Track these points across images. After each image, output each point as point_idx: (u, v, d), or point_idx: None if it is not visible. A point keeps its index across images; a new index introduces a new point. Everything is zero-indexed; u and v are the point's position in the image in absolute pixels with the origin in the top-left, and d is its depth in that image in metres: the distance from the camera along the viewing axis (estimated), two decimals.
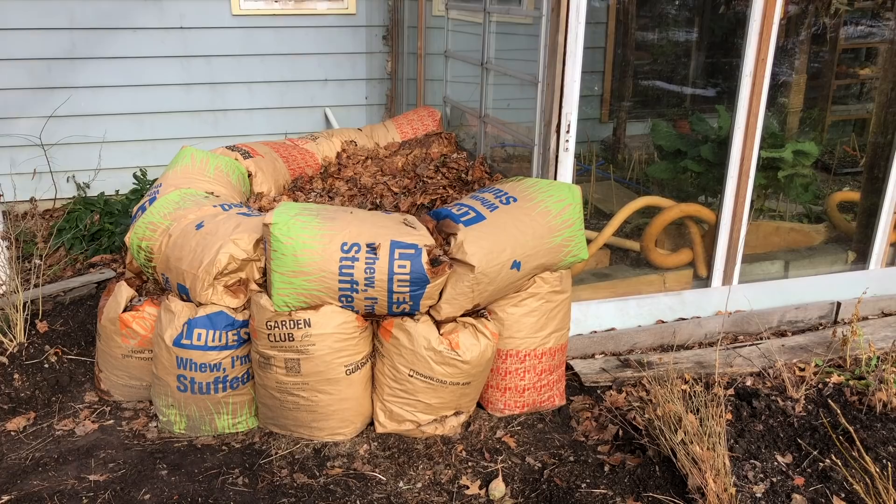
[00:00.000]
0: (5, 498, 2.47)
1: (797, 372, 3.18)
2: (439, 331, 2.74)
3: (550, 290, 2.89)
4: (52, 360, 3.22)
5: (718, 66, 5.26)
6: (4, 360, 3.13)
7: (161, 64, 5.04)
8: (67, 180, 5.07)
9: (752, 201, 3.58)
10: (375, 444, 2.81)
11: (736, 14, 5.10)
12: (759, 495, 2.42)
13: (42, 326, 3.40)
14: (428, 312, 2.77)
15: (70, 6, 4.72)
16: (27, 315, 3.34)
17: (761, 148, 3.47)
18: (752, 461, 2.58)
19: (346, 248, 2.62)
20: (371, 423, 2.89)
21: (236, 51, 5.15)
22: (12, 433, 2.86)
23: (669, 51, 5.68)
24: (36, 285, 3.59)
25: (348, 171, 4.06)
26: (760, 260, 3.86)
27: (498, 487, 2.57)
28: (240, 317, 2.72)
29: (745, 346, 3.47)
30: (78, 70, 4.88)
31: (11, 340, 3.22)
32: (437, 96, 4.89)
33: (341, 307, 2.67)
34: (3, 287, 3.47)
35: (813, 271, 3.88)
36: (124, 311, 2.91)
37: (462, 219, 2.78)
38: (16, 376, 3.10)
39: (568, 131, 3.03)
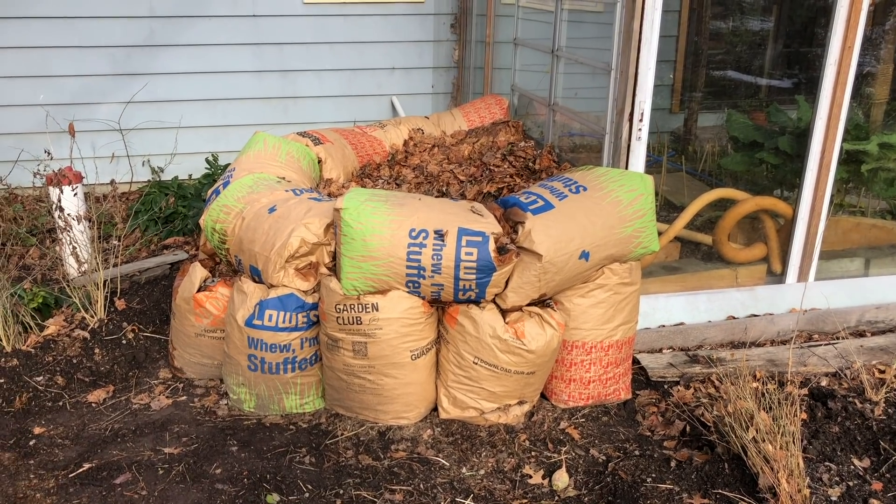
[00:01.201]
0: (87, 465, 2.58)
1: (877, 374, 3.06)
2: (505, 319, 2.74)
3: (619, 282, 2.85)
4: (130, 337, 3.34)
5: (797, 55, 5.07)
6: (86, 334, 3.27)
7: (234, 51, 5.15)
8: (143, 164, 5.24)
9: (832, 195, 3.44)
10: (439, 429, 2.83)
11: (818, 1, 4.91)
12: (834, 499, 2.34)
13: (120, 304, 3.53)
14: (494, 300, 2.76)
15: None
16: (106, 293, 3.47)
17: (844, 140, 3.34)
18: (826, 463, 2.49)
19: (413, 234, 2.63)
20: (435, 409, 2.91)
21: (307, 39, 5.23)
22: (93, 404, 2.99)
23: (745, 40, 5.51)
24: (115, 265, 3.73)
25: (415, 159, 4.08)
26: (839, 257, 3.72)
27: (561, 478, 2.55)
28: (310, 299, 2.77)
29: (821, 345, 3.35)
30: (155, 57, 5.04)
31: (93, 316, 3.36)
32: (505, 84, 4.86)
33: (408, 293, 2.69)
34: (85, 265, 3.62)
35: None
36: (198, 290, 3.00)
37: (530, 207, 2.76)
38: (96, 350, 3.23)
39: (641, 120, 2.97)
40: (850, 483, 2.41)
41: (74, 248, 3.61)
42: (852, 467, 2.49)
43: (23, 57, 4.83)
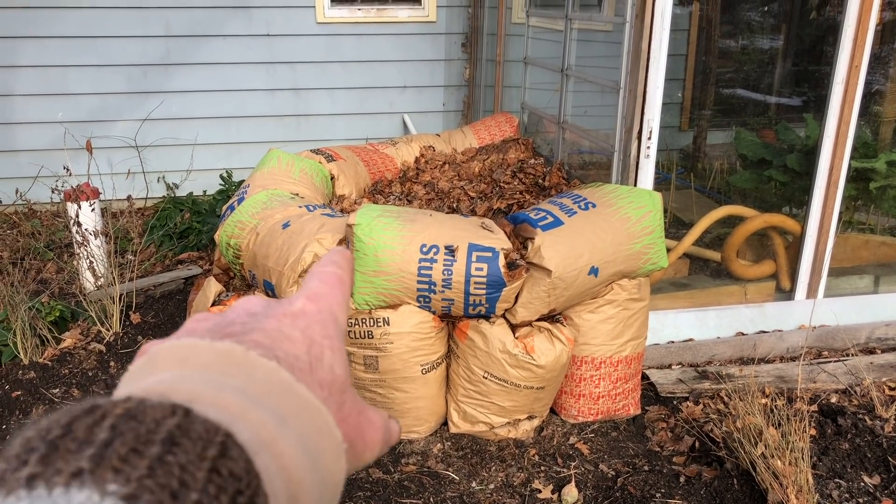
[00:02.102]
0: None
1: (887, 391, 3.06)
2: (514, 334, 2.76)
3: (628, 298, 2.87)
4: None
5: (805, 74, 5.11)
6: (102, 347, 3.32)
7: (248, 70, 5.24)
8: (158, 180, 5.32)
9: (841, 213, 3.46)
10: (449, 443, 2.85)
11: (826, 20, 4.95)
12: None
13: (135, 318, 3.58)
14: (503, 316, 2.79)
15: (166, 15, 4.98)
16: (122, 307, 3.52)
17: (852, 158, 3.36)
18: (836, 480, 2.50)
19: (424, 249, 2.67)
20: (445, 423, 2.93)
21: (320, 57, 5.31)
22: None
23: (753, 58, 5.55)
24: (130, 279, 3.79)
25: (426, 176, 4.13)
26: (848, 274, 3.73)
27: (570, 493, 2.57)
28: None
29: (830, 362, 3.35)
30: (171, 75, 5.13)
31: (108, 330, 3.41)
32: (515, 103, 4.92)
33: (419, 307, 2.72)
34: (101, 280, 3.68)
35: None
36: (213, 304, 3.04)
37: (540, 223, 2.79)
38: (111, 363, 3.28)
39: (650, 137, 3.01)
40: (860, 500, 2.41)
41: (91, 262, 3.67)
42: (862, 484, 2.49)
43: (42, 75, 4.94)
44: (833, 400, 3.03)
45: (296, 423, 0.32)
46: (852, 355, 3.42)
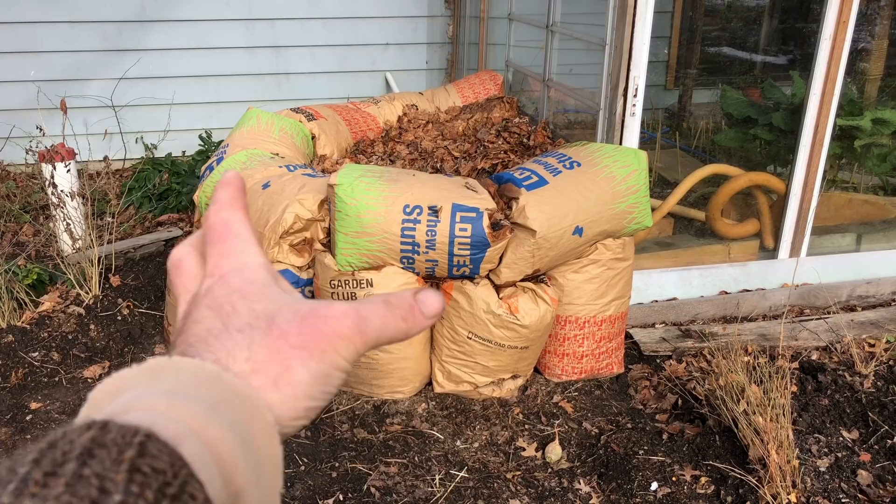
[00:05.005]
0: None
1: (866, 348, 3.09)
2: (499, 294, 2.75)
3: (612, 258, 2.87)
4: (125, 313, 3.35)
5: (792, 31, 5.06)
6: (81, 310, 3.28)
7: (226, 27, 5.10)
8: (136, 141, 5.21)
9: (825, 171, 3.46)
10: (433, 403, 2.86)
11: None
12: (822, 469, 2.38)
13: (115, 280, 3.54)
14: (488, 276, 2.78)
15: None
16: (101, 269, 3.47)
17: (837, 116, 3.34)
18: (816, 435, 2.53)
19: (408, 210, 2.63)
20: (429, 383, 2.94)
21: (300, 14, 5.18)
22: (89, 380, 3.00)
23: (740, 16, 5.49)
24: (109, 241, 3.73)
25: (409, 135, 4.07)
26: (831, 232, 3.74)
27: (554, 450, 2.59)
28: (304, 275, 2.78)
29: (812, 319, 3.38)
30: (147, 33, 4.99)
31: (87, 293, 3.36)
32: (499, 61, 4.84)
33: (402, 268, 2.70)
34: (79, 242, 3.62)
35: (887, 245, 3.74)
36: None
37: (524, 183, 2.76)
38: (91, 327, 3.24)
39: (635, 95, 2.97)
40: (839, 454, 2.45)
41: (68, 224, 3.60)
42: (841, 439, 2.53)
43: (11, 32, 4.78)
44: (814, 357, 3.06)
45: (226, 409, 0.34)
46: (833, 313, 3.45)
